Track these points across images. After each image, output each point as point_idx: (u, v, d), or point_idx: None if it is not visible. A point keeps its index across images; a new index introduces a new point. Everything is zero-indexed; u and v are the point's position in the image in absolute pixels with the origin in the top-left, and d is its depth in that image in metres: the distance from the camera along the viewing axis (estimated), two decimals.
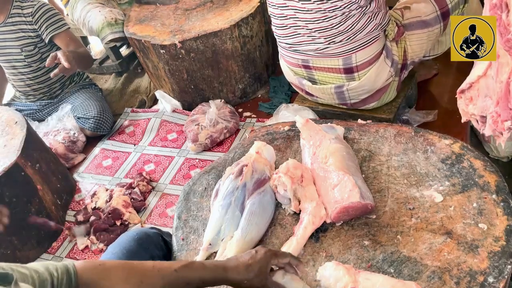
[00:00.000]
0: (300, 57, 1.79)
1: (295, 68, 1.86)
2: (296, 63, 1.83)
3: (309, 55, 1.74)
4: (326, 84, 1.82)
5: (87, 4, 2.83)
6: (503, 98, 1.02)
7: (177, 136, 2.45)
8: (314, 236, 1.16)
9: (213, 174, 1.44)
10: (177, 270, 0.96)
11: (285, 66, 1.93)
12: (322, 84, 1.83)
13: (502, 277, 0.96)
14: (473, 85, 1.22)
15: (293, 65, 1.86)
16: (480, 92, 1.20)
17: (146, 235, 1.25)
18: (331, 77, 1.78)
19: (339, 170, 1.20)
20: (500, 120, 1.06)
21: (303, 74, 1.86)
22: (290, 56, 1.83)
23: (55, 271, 0.92)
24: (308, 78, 1.86)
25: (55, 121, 2.60)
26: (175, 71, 2.42)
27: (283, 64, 1.94)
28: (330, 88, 1.80)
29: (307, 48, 1.72)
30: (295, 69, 1.88)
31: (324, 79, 1.81)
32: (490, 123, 1.09)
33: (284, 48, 1.83)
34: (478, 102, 1.22)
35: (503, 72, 1.02)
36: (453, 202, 1.13)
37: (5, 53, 2.47)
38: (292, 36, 1.73)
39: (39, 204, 1.99)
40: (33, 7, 2.40)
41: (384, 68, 1.72)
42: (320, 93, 1.86)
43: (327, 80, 1.80)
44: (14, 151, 1.92)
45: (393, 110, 1.87)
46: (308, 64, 1.79)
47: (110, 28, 2.66)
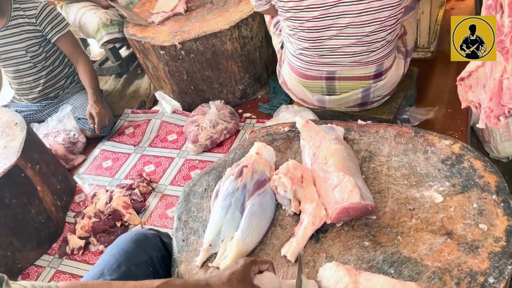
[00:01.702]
0: (326, 69, 1.73)
1: (313, 81, 1.79)
2: (318, 75, 1.76)
3: (340, 65, 1.70)
4: (348, 92, 1.78)
5: (81, 7, 2.84)
6: (496, 95, 1.04)
7: (177, 137, 2.45)
8: (314, 237, 1.16)
9: (213, 175, 1.44)
10: (158, 286, 0.95)
11: (293, 80, 1.85)
12: (343, 93, 1.79)
13: (502, 277, 0.96)
14: (472, 74, 1.25)
15: (311, 78, 1.78)
16: (479, 80, 1.22)
17: (144, 237, 1.25)
18: (356, 84, 1.76)
19: (339, 171, 1.20)
20: (492, 115, 1.08)
21: (321, 86, 1.79)
22: (310, 69, 1.76)
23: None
24: (327, 91, 1.80)
25: (55, 122, 2.60)
26: (175, 72, 2.42)
27: (292, 77, 1.86)
28: (357, 94, 1.77)
29: (340, 60, 1.68)
30: (311, 83, 1.80)
31: (346, 87, 1.77)
32: (483, 118, 1.12)
33: (305, 61, 1.75)
34: (476, 90, 1.24)
35: (496, 70, 1.04)
36: (453, 202, 1.13)
37: (9, 57, 2.47)
38: (324, 48, 1.66)
39: (39, 205, 1.99)
40: (36, 8, 2.41)
41: (400, 62, 1.79)
42: (343, 103, 1.82)
43: (350, 87, 1.77)
44: (14, 153, 1.92)
45: (393, 110, 1.87)
46: (333, 76, 1.74)
47: (106, 29, 2.67)
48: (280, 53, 1.98)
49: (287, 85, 1.94)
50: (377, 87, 1.76)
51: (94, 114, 2.41)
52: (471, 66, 1.24)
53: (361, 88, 1.76)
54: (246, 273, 0.98)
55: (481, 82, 1.20)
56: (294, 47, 1.74)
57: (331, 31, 1.60)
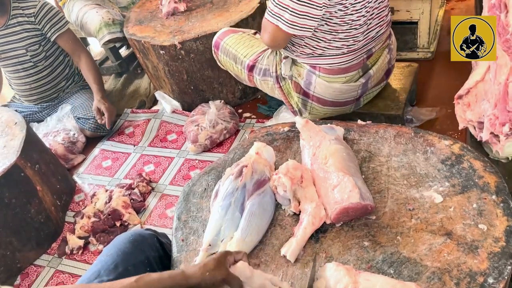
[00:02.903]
0: (369, 48, 1.70)
1: (352, 73, 1.72)
2: (357, 60, 1.69)
3: (379, 35, 1.71)
4: (378, 61, 1.78)
5: (84, 5, 2.84)
6: (501, 100, 1.02)
7: (176, 137, 2.45)
8: (314, 237, 1.16)
9: (213, 175, 1.44)
10: (136, 280, 0.96)
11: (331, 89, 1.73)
12: (375, 65, 1.77)
13: (502, 278, 0.96)
14: (471, 91, 1.23)
15: (350, 69, 1.71)
16: (478, 97, 1.20)
17: (141, 237, 1.25)
18: (379, 53, 1.77)
19: (339, 171, 1.20)
20: (498, 122, 1.06)
21: (358, 74, 1.74)
22: (353, 58, 1.68)
23: None
24: (363, 72, 1.75)
25: (54, 121, 2.60)
26: (175, 72, 2.42)
27: (325, 90, 1.73)
28: (386, 55, 1.78)
29: (381, 30, 1.70)
30: (350, 76, 1.72)
31: (374, 60, 1.77)
32: (488, 126, 1.09)
33: (351, 52, 1.66)
34: (475, 108, 1.22)
35: (501, 73, 1.02)
36: (453, 203, 1.13)
37: (9, 56, 2.47)
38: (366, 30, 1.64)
39: (39, 205, 1.99)
40: (35, 7, 2.41)
41: None
42: (379, 72, 1.80)
43: (376, 58, 1.77)
44: (14, 152, 1.92)
45: (401, 106, 1.91)
46: (371, 53, 1.73)
47: (108, 28, 2.67)
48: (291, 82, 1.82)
49: (326, 99, 1.78)
50: (392, 41, 1.80)
51: (103, 110, 2.39)
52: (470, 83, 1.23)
53: (386, 50, 1.79)
54: (221, 261, 1.00)
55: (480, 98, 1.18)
56: (336, 44, 1.63)
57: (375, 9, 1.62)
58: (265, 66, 1.87)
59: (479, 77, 1.18)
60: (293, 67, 1.78)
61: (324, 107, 1.81)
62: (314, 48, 1.66)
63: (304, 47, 1.67)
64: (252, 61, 1.91)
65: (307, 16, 1.48)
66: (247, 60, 1.92)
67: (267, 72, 1.88)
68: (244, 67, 1.94)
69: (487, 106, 1.10)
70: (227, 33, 2.02)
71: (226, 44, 1.98)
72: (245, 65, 1.93)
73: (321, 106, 1.81)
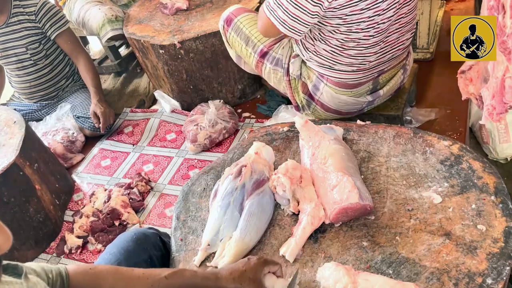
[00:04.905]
0: (378, 69, 1.64)
1: (361, 87, 1.69)
2: (367, 79, 1.66)
3: (394, 58, 1.65)
4: (391, 80, 1.74)
5: (86, 3, 2.83)
6: (498, 93, 1.04)
7: (176, 137, 2.44)
8: (313, 237, 1.16)
9: (212, 175, 1.44)
10: (167, 277, 0.96)
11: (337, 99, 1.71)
12: (386, 84, 1.73)
13: (500, 278, 0.96)
14: (473, 67, 1.26)
15: (359, 85, 1.67)
16: (479, 74, 1.23)
17: (144, 235, 1.25)
18: (393, 72, 1.73)
19: (338, 171, 1.20)
20: (495, 112, 1.09)
21: (368, 88, 1.70)
22: (363, 76, 1.64)
23: (50, 273, 0.93)
24: (372, 89, 1.72)
25: (53, 120, 2.60)
26: (174, 71, 2.42)
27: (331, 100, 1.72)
28: (400, 76, 1.74)
29: (397, 53, 1.64)
30: (358, 90, 1.69)
31: (387, 78, 1.73)
32: (486, 115, 1.12)
33: (362, 71, 1.62)
34: (477, 83, 1.25)
35: (498, 69, 1.04)
36: (452, 203, 1.13)
37: (10, 54, 2.47)
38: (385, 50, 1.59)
39: (38, 204, 1.98)
40: (35, 5, 2.41)
41: None
42: (389, 93, 1.78)
43: (389, 77, 1.73)
44: (13, 151, 1.92)
45: (400, 106, 1.90)
46: (383, 71, 1.68)
47: (111, 25, 2.66)
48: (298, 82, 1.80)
49: (330, 107, 1.76)
50: (408, 64, 1.75)
51: (99, 114, 2.40)
52: None
53: (401, 70, 1.74)
54: (258, 272, 0.97)
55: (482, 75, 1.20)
56: (345, 60, 1.59)
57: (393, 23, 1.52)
58: (279, 55, 1.80)
59: None
60: (303, 68, 1.74)
61: (326, 113, 1.79)
62: (324, 58, 1.61)
63: (314, 54, 1.63)
64: (266, 47, 1.81)
65: (298, 20, 1.45)
66: (261, 45, 1.81)
67: (279, 62, 1.80)
68: (256, 51, 1.83)
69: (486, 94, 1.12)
70: (242, 11, 1.90)
71: (240, 22, 1.86)
72: (257, 49, 1.82)
73: (324, 111, 1.79)
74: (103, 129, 2.43)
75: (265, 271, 0.99)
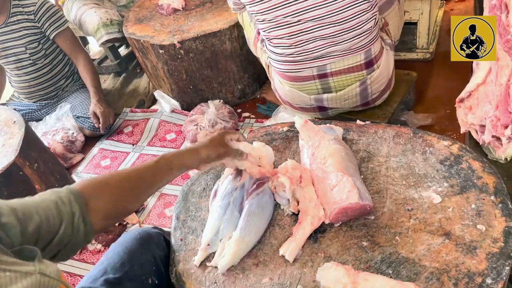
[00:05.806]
0: (316, 65, 1.70)
1: (306, 82, 1.76)
2: (309, 74, 1.73)
3: (330, 57, 1.68)
4: (345, 88, 1.76)
5: (83, 5, 2.84)
6: (503, 101, 1.01)
7: (175, 136, 2.44)
8: (312, 237, 1.16)
9: (212, 175, 1.44)
10: (156, 161, 1.14)
11: (285, 87, 1.82)
12: (341, 90, 1.76)
13: (500, 278, 0.96)
14: (473, 94, 1.22)
15: (302, 79, 1.75)
16: (480, 100, 1.19)
17: (148, 235, 1.25)
18: (350, 78, 1.73)
19: (338, 171, 1.20)
20: (499, 124, 1.06)
21: (316, 87, 1.76)
22: (300, 69, 1.72)
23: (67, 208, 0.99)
24: (323, 90, 1.77)
25: (53, 120, 2.60)
26: (174, 71, 2.42)
27: (283, 85, 1.83)
28: (355, 88, 1.74)
29: (329, 50, 1.66)
30: (305, 85, 1.77)
31: (341, 84, 1.75)
32: (490, 128, 1.09)
33: (293, 62, 1.72)
34: (477, 111, 1.21)
35: (502, 74, 1.02)
36: (452, 203, 1.13)
37: (9, 54, 2.47)
38: (306, 43, 1.64)
39: None
40: (34, 5, 2.41)
41: (389, 53, 1.80)
42: (342, 100, 1.79)
43: (345, 83, 1.75)
44: (13, 151, 1.91)
45: (388, 115, 1.87)
46: (325, 72, 1.71)
47: (106, 29, 2.67)
48: (269, 69, 1.93)
49: (281, 97, 1.91)
50: (373, 79, 1.74)
51: (98, 114, 2.41)
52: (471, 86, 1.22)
53: (358, 82, 1.74)
54: (221, 139, 1.21)
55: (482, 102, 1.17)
56: (279, 51, 1.71)
57: (309, 23, 1.60)
58: None
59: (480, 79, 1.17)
60: None
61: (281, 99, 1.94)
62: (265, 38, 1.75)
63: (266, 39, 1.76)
64: None
65: None
66: None
67: (264, 41, 1.88)
68: (256, 28, 1.94)
69: (488, 108, 1.09)
70: None
71: None
72: (257, 27, 1.90)
73: (280, 97, 1.94)
74: (103, 129, 2.43)
75: (227, 139, 1.21)
